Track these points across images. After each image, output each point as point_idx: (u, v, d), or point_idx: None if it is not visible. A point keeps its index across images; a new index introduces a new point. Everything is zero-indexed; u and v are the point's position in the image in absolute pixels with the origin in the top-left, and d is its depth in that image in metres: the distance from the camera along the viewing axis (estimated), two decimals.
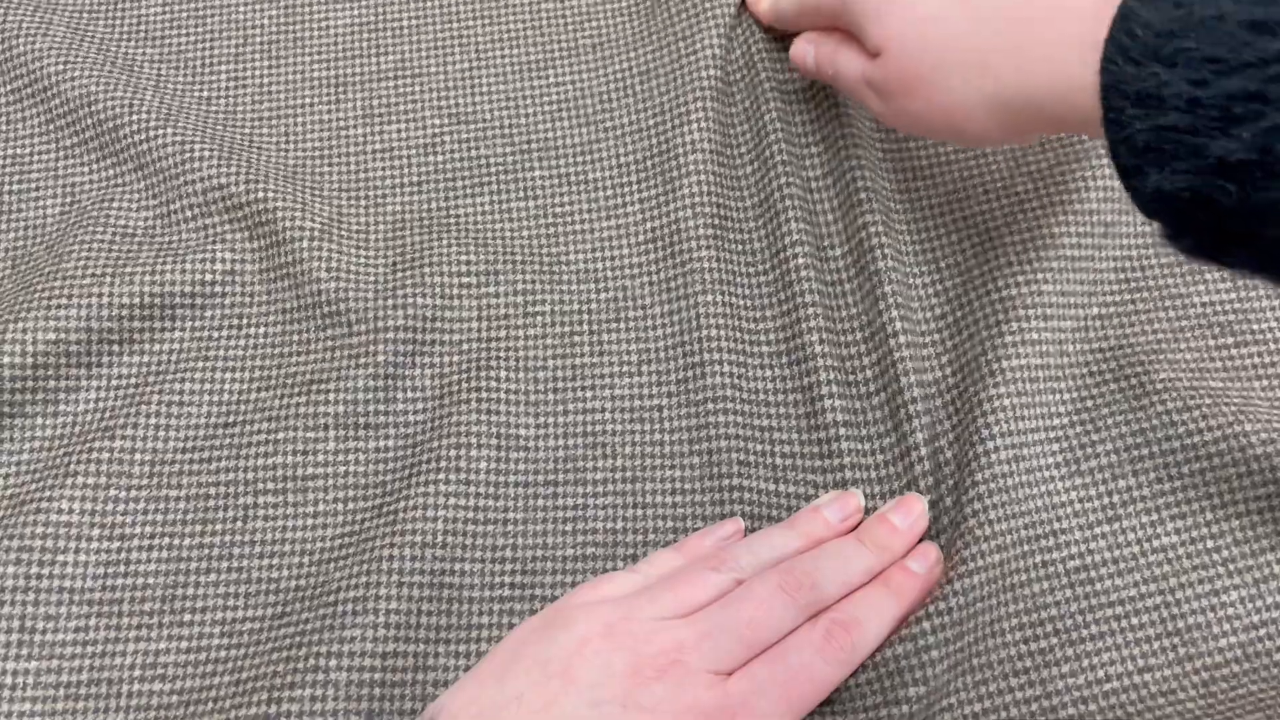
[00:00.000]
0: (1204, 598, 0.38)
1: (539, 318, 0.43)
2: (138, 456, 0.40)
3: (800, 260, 0.42)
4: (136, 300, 0.42)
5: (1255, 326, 0.42)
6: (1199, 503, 0.39)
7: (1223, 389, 0.40)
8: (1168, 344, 0.42)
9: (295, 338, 0.43)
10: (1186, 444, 0.39)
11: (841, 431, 0.40)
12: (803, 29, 0.44)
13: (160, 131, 0.45)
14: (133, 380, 0.42)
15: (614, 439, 0.41)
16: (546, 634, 0.33)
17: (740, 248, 0.44)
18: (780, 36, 0.47)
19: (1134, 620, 0.37)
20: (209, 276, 0.43)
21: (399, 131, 0.47)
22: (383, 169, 0.46)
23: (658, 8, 0.49)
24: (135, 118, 0.45)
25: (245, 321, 0.43)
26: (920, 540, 0.38)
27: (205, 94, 0.48)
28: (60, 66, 0.46)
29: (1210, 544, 0.39)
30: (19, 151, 0.46)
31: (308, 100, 0.48)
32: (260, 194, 0.44)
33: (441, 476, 0.39)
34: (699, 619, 0.33)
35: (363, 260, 0.44)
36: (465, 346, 0.42)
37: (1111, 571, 0.38)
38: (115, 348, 0.42)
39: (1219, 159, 0.27)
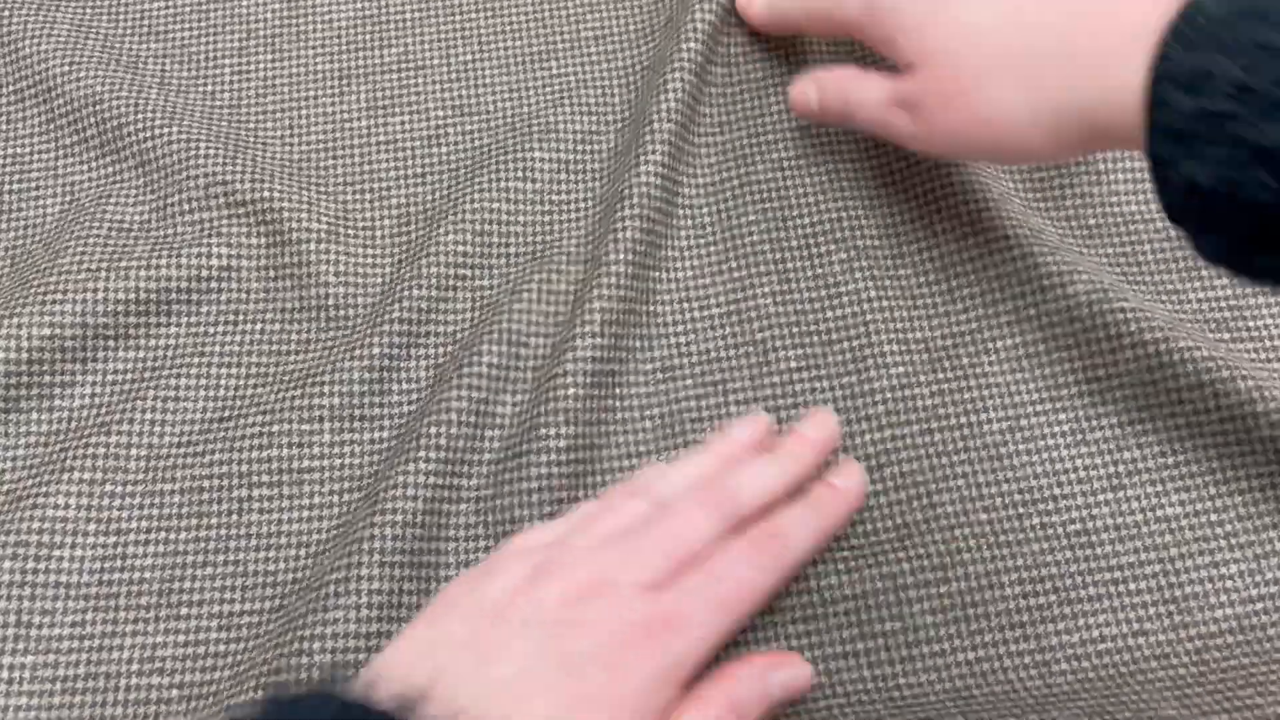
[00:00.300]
0: (1204, 569, 0.38)
1: (526, 295, 0.43)
2: (133, 451, 0.40)
3: (754, 235, 0.44)
4: (132, 295, 0.42)
5: (1251, 324, 0.43)
6: (1204, 477, 0.40)
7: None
8: None
9: (295, 336, 0.43)
10: (1193, 421, 0.40)
11: (795, 376, 0.41)
12: (805, 33, 0.44)
13: (165, 130, 0.45)
14: (128, 375, 0.42)
15: (575, 405, 0.40)
16: (479, 585, 0.33)
17: (689, 223, 0.45)
18: (764, 36, 0.47)
19: (1132, 585, 0.38)
20: (205, 272, 0.43)
21: (403, 124, 0.47)
22: (387, 161, 0.46)
23: (661, 2, 0.49)
24: (140, 117, 0.45)
25: (242, 317, 0.43)
26: (864, 482, 0.39)
27: (209, 89, 0.48)
28: (66, 68, 0.46)
29: (1214, 517, 0.39)
30: (19, 151, 0.46)
31: (312, 93, 0.48)
32: (266, 193, 0.44)
33: (422, 455, 0.39)
34: (623, 540, 0.34)
35: (370, 260, 0.44)
36: (459, 336, 0.42)
37: (1113, 538, 0.39)
38: (110, 343, 0.42)
39: (1260, 147, 0.26)
